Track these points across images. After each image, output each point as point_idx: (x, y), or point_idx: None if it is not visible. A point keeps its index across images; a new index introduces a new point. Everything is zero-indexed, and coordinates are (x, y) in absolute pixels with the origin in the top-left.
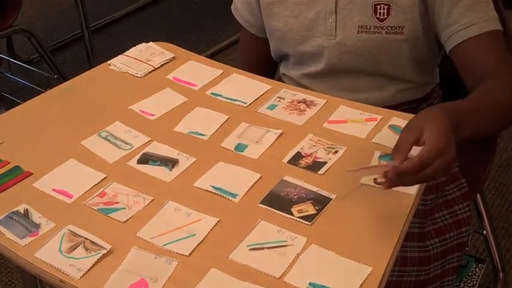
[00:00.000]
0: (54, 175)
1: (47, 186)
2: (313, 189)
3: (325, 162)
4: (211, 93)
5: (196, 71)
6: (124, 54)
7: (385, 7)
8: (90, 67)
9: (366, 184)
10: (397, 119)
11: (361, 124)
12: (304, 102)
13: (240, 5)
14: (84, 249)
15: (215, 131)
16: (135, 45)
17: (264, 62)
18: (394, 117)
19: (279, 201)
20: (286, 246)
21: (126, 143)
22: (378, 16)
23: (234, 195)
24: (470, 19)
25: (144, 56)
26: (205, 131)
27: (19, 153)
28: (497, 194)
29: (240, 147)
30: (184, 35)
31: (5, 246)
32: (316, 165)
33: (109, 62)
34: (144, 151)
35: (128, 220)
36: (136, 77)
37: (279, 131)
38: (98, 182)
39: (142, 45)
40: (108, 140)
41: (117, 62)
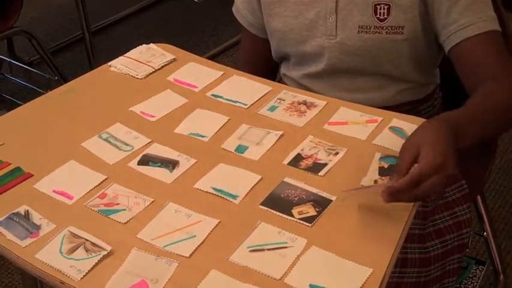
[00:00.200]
0: (55, 176)
1: (48, 187)
2: (314, 190)
3: (325, 164)
4: (211, 95)
5: (197, 72)
6: (125, 55)
7: (385, 7)
8: (91, 68)
9: (366, 186)
10: (398, 121)
11: (362, 126)
12: (304, 103)
13: (241, 5)
14: (84, 251)
15: (216, 133)
16: (136, 47)
17: (265, 62)
18: (395, 118)
19: (279, 202)
20: (286, 247)
21: (126, 145)
22: (378, 16)
23: (234, 197)
24: (469, 19)
25: (144, 58)
26: (205, 133)
27: (20, 155)
28: (498, 195)
29: (240, 149)
30: (185, 36)
31: (5, 247)
32: (316, 167)
33: (110, 63)
34: (144, 152)
35: (129, 221)
36: (137, 78)
37: (280, 133)
38: (99, 184)
39: (143, 47)
40: (108, 142)
41: (118, 64)
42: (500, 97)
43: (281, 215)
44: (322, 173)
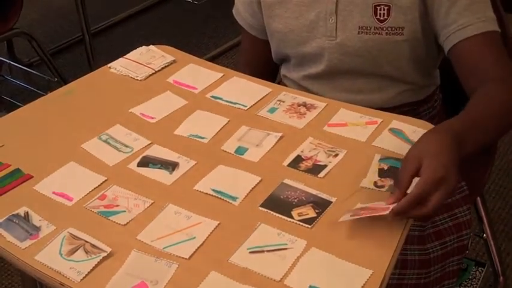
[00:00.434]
0: (55, 178)
1: (47, 189)
2: (314, 192)
3: (325, 166)
4: (211, 97)
5: (197, 74)
6: (124, 57)
7: (385, 8)
8: (91, 70)
9: (366, 187)
10: (398, 122)
11: (362, 127)
12: (304, 105)
13: (241, 7)
14: (84, 252)
15: (215, 134)
16: (136, 48)
17: (265, 64)
18: (395, 120)
19: (279, 204)
20: (286, 249)
21: (126, 146)
22: (378, 17)
23: (234, 198)
24: (468, 19)
25: (144, 59)
26: (205, 134)
27: (19, 156)
28: (498, 197)
29: (240, 151)
30: (185, 38)
31: (5, 249)
32: (316, 169)
33: (109, 65)
34: (144, 154)
35: (128, 223)
36: (137, 80)
37: (279, 134)
38: (98, 185)
39: (143, 48)
40: (108, 143)
41: (118, 65)
42: (501, 99)
43: (281, 216)
44: (322, 174)
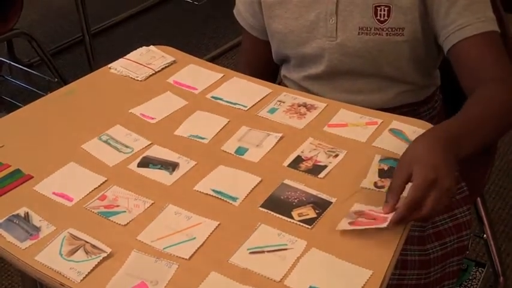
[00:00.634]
0: (55, 178)
1: (48, 189)
2: (314, 192)
3: (325, 166)
4: (211, 97)
5: (197, 74)
6: (124, 57)
7: (386, 8)
8: (91, 70)
9: (366, 188)
10: (398, 123)
11: (362, 128)
12: (304, 105)
13: (242, 7)
14: (84, 253)
15: (215, 135)
16: (136, 49)
17: (266, 64)
18: (395, 120)
19: (279, 204)
20: (286, 249)
21: (126, 147)
22: (378, 18)
23: (234, 199)
24: (467, 19)
25: (144, 60)
26: (205, 135)
27: (19, 157)
28: (498, 197)
29: (240, 151)
30: (185, 38)
31: (5, 249)
32: (316, 169)
33: (110, 65)
34: (144, 154)
35: (128, 223)
36: (137, 80)
37: (280, 135)
38: (98, 186)
39: (143, 49)
40: (108, 144)
41: (118, 66)
42: (500, 99)
43: (281, 217)
44: (322, 175)
